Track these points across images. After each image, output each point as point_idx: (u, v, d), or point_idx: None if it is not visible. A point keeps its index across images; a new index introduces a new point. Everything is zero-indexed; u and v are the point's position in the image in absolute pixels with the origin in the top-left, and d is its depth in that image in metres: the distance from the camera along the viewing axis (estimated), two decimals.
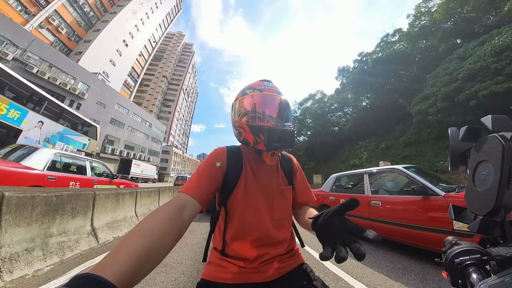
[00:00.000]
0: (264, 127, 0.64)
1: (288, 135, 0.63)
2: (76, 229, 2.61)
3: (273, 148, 0.64)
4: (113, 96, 27.56)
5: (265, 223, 0.68)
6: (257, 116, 0.68)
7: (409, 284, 2.00)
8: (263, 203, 0.70)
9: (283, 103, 0.70)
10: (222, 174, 0.68)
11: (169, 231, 0.43)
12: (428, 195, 2.51)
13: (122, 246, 0.35)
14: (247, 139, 0.69)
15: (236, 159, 0.72)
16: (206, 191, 0.59)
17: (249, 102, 0.70)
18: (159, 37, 51.96)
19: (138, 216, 4.10)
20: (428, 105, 14.87)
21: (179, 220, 0.47)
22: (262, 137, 0.64)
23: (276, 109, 0.69)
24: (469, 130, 0.40)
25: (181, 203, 0.52)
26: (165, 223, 0.43)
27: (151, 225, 0.41)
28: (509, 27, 12.93)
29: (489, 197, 0.32)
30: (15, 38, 16.69)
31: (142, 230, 0.39)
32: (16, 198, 1.97)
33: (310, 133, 33.69)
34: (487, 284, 0.26)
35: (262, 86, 0.71)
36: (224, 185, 0.68)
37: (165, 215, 0.45)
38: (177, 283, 1.96)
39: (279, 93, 0.71)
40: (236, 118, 0.73)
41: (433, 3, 22.27)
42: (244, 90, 0.73)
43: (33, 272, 1.93)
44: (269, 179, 0.74)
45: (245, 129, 0.68)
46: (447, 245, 0.40)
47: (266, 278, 0.64)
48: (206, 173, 0.64)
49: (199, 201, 0.56)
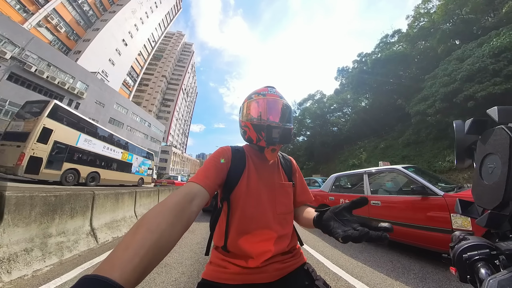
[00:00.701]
0: (264, 125, 0.73)
1: (285, 132, 0.73)
2: (75, 229, 2.60)
3: (271, 142, 0.71)
4: (112, 95, 27.44)
5: (267, 216, 0.70)
6: (260, 116, 0.75)
7: (408, 283, 2.01)
8: (266, 196, 0.73)
9: (284, 106, 0.78)
10: (226, 169, 0.72)
11: (177, 223, 0.43)
12: (427, 195, 2.52)
13: (129, 242, 0.35)
14: (251, 137, 0.77)
15: (240, 157, 0.77)
16: (213, 183, 0.62)
17: (253, 105, 0.78)
18: (159, 36, 51.81)
19: (138, 216, 4.08)
20: (427, 105, 14.92)
21: (188, 210, 0.48)
22: (264, 134, 0.72)
23: (277, 111, 0.77)
24: (475, 123, 0.39)
25: (192, 192, 0.54)
26: (173, 214, 0.43)
27: (160, 218, 0.41)
28: (507, 29, 13.00)
29: (497, 190, 0.32)
30: (13, 37, 16.56)
31: (149, 224, 0.39)
32: (15, 198, 1.96)
33: (310, 133, 33.71)
34: (496, 279, 0.25)
35: (266, 91, 0.80)
36: (227, 181, 0.71)
37: (174, 205, 0.45)
38: (178, 283, 1.96)
39: (281, 98, 0.80)
40: (243, 119, 0.81)
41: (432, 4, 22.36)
42: (250, 95, 0.82)
43: (32, 273, 1.92)
44: (271, 175, 0.79)
45: (249, 128, 0.76)
46: (454, 240, 0.39)
47: (268, 279, 0.64)
48: (213, 166, 0.68)
49: (208, 190, 0.58)
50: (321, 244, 3.38)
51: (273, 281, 0.65)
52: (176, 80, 67.38)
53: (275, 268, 0.66)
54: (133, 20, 39.48)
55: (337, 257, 2.79)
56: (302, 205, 0.84)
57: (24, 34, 17.69)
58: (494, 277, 0.26)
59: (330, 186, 4.50)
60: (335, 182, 4.48)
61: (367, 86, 26.06)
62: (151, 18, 45.96)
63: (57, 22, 27.43)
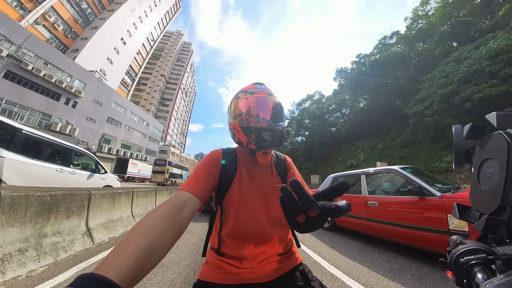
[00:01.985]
0: (253, 127, 0.67)
1: (276, 133, 0.66)
2: (71, 229, 2.57)
3: (262, 146, 0.66)
4: (110, 94, 27.29)
5: (261, 221, 0.68)
6: (249, 117, 0.70)
7: (405, 283, 2.02)
8: (258, 201, 0.71)
9: (274, 104, 0.73)
10: (218, 173, 0.70)
11: (169, 228, 0.43)
12: (424, 196, 2.54)
13: (123, 244, 0.36)
14: (240, 140, 0.72)
15: (231, 160, 0.75)
16: (204, 189, 0.61)
17: (241, 104, 0.73)
18: (158, 35, 51.60)
19: (135, 216, 4.06)
20: (425, 106, 15.05)
21: (179, 217, 0.47)
22: (254, 137, 0.66)
23: (267, 110, 0.71)
24: (473, 128, 0.39)
25: (182, 200, 0.53)
26: (166, 220, 0.44)
27: (152, 222, 0.42)
28: (504, 32, 13.16)
29: (495, 195, 0.32)
30: (10, 34, 16.39)
31: (143, 228, 0.40)
32: (10, 197, 1.93)
33: (308, 133, 33.80)
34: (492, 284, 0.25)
35: (254, 89, 0.74)
36: (220, 185, 0.70)
37: (165, 212, 0.46)
38: (173, 284, 1.95)
39: (270, 95, 0.74)
40: (230, 120, 0.76)
41: (430, 7, 22.55)
42: (238, 94, 0.76)
43: (27, 273, 1.89)
44: (263, 178, 0.76)
45: (238, 130, 0.71)
46: (452, 245, 0.39)
47: (264, 279, 0.64)
48: (204, 172, 0.66)
49: (199, 198, 0.57)
50: (318, 245, 3.38)
51: (268, 281, 0.64)
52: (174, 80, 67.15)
53: (271, 268, 0.66)
54: (132, 19, 39.29)
55: (334, 257, 2.80)
56: None
57: (21, 31, 17.53)
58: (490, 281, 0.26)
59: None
60: (333, 183, 4.49)
61: (365, 87, 26.22)
62: (150, 17, 45.76)
63: (55, 20, 27.21)
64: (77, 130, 21.42)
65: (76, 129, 21.28)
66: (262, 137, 0.65)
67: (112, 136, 27.99)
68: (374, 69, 23.89)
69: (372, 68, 24.19)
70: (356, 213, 3.51)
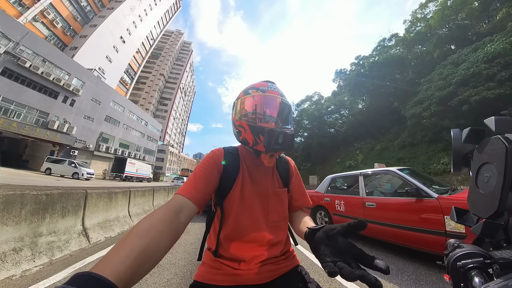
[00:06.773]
0: (265, 128, 0.63)
1: (288, 138, 0.63)
2: (67, 229, 2.55)
3: (272, 150, 0.63)
4: (108, 93, 27.10)
5: (260, 225, 0.68)
6: (258, 117, 0.67)
7: (402, 285, 2.03)
8: (258, 206, 0.70)
9: (285, 106, 0.70)
10: (219, 175, 0.67)
11: (166, 231, 0.43)
12: (422, 197, 2.55)
13: (120, 246, 0.36)
14: (246, 139, 0.69)
15: (233, 160, 0.72)
16: (202, 193, 0.59)
17: (251, 102, 0.69)
18: (157, 34, 51.40)
19: (132, 216, 4.03)
20: (423, 108, 15.16)
21: (176, 221, 0.47)
22: (262, 138, 0.63)
23: (281, 112, 0.69)
24: (472, 132, 0.40)
25: (178, 205, 0.52)
26: (162, 223, 0.44)
27: (148, 226, 0.42)
28: (501, 35, 13.28)
29: (492, 199, 0.32)
30: (8, 31, 16.22)
31: (139, 230, 0.40)
32: (5, 196, 1.91)
33: (307, 134, 33.87)
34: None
35: (265, 87, 0.71)
36: (220, 186, 0.68)
37: (162, 216, 0.46)
38: (170, 285, 1.93)
39: (282, 96, 0.71)
40: (236, 117, 0.72)
41: (429, 10, 22.72)
42: (247, 90, 0.72)
43: (21, 273, 1.87)
44: (265, 181, 0.74)
45: (245, 128, 0.68)
46: (449, 248, 0.39)
47: (261, 280, 0.63)
48: (203, 174, 0.64)
49: (196, 203, 0.56)
50: None
51: (265, 283, 0.64)
52: (174, 79, 66.97)
53: (268, 269, 0.65)
54: (132, 17, 39.11)
55: None
56: (299, 210, 0.80)
57: (19, 28, 17.36)
58: (487, 285, 0.26)
59: (326, 187, 4.51)
60: (331, 183, 4.50)
61: (364, 89, 26.36)
62: (150, 15, 45.59)
63: (54, 17, 27.01)
64: (74, 128, 21.22)
65: (73, 128, 21.08)
66: (275, 140, 0.61)
67: (110, 135, 27.79)
68: (373, 71, 24.02)
69: (371, 70, 24.32)
70: (354, 214, 3.52)
